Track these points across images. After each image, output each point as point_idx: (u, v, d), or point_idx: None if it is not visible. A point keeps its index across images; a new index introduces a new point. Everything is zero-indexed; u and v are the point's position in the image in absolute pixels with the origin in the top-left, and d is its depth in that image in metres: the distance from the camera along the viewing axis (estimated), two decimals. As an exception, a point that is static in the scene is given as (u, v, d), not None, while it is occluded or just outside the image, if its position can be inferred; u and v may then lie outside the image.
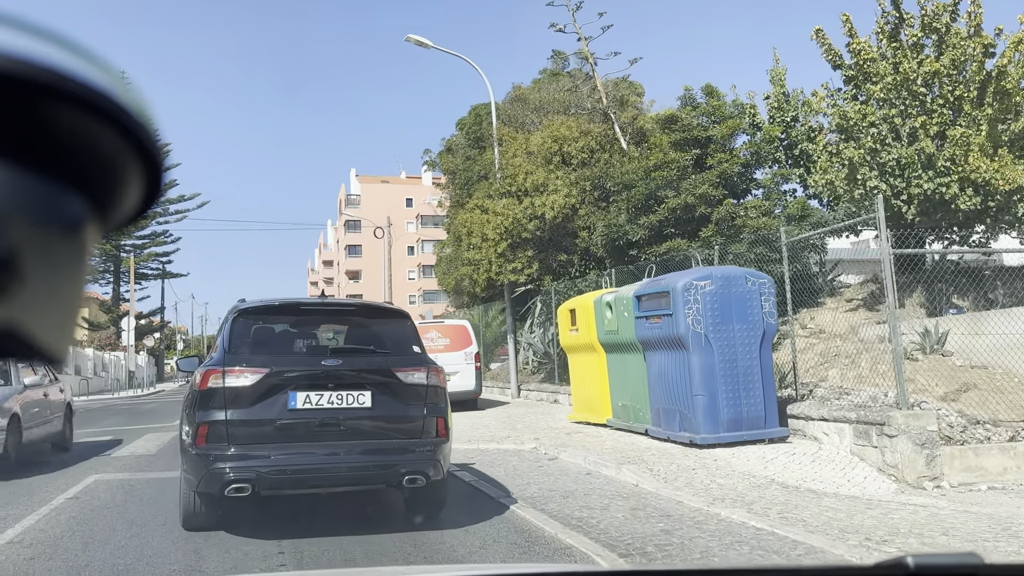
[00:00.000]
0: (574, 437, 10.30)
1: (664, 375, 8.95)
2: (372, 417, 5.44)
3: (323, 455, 5.31)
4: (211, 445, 5.18)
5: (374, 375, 5.50)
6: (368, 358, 5.65)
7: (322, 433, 5.31)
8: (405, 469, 5.39)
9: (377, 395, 5.44)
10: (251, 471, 5.13)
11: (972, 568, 1.11)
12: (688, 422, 8.56)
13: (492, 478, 7.87)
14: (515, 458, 9.23)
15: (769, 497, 6.52)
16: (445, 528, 5.82)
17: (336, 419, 5.33)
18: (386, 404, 5.47)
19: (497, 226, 17.11)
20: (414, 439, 5.52)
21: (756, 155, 15.17)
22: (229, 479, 5.11)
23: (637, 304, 9.42)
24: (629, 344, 9.84)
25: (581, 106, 18.86)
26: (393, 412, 5.50)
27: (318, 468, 5.29)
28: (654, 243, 14.86)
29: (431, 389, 5.61)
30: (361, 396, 5.40)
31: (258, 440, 5.21)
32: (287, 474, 5.25)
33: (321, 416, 5.31)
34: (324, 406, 5.31)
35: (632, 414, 9.94)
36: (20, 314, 0.41)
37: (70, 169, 0.43)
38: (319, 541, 5.37)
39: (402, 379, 5.53)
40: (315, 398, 5.30)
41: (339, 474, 5.39)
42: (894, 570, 1.11)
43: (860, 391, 9.57)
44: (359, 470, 5.42)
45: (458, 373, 15.66)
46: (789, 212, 14.46)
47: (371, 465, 5.43)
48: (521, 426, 12.19)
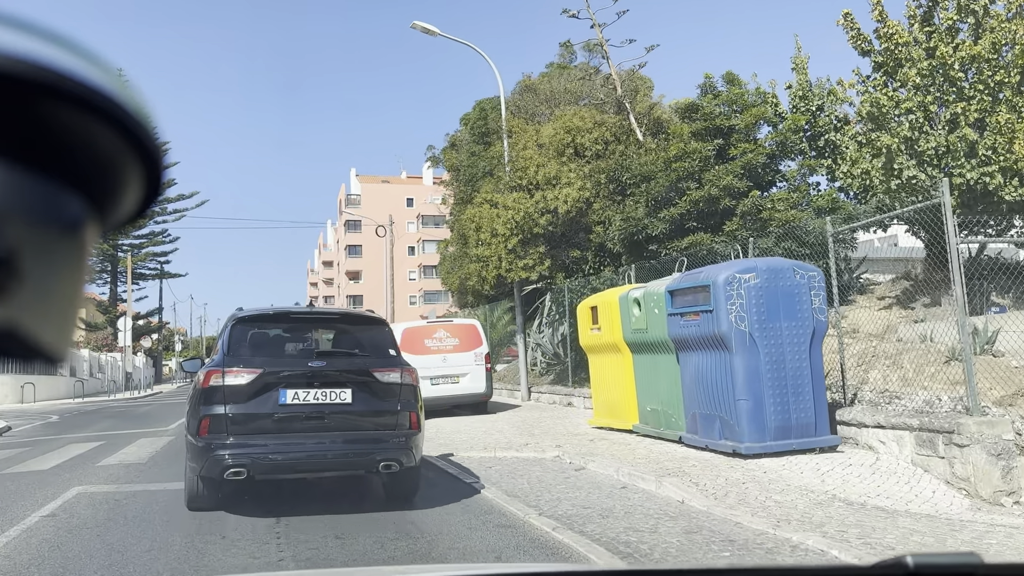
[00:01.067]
0: (599, 444, 9.52)
1: (701, 377, 8.17)
2: (352, 411, 6.17)
3: (309, 444, 6.03)
4: (212, 435, 5.89)
5: (354, 375, 6.25)
6: (349, 360, 6.43)
7: (308, 425, 6.06)
8: (381, 457, 6.11)
9: (357, 392, 6.19)
10: (247, 457, 5.87)
11: (971, 567, 1.10)
12: (730, 429, 7.78)
13: (516, 492, 7.08)
14: (537, 468, 8.44)
15: (838, 517, 5.73)
16: (475, 552, 5.05)
17: (321, 413, 6.08)
18: (365, 400, 6.21)
19: (507, 221, 16.31)
20: (389, 431, 6.25)
21: (782, 145, 14.38)
22: (227, 464, 5.84)
23: (670, 300, 8.64)
24: (660, 344, 9.06)
25: (594, 96, 18.07)
26: (371, 407, 6.23)
27: (305, 456, 6.02)
28: (675, 237, 14.08)
29: (405, 387, 6.35)
30: (343, 393, 6.14)
31: (253, 431, 5.96)
32: (278, 461, 5.99)
33: (308, 410, 6.05)
34: (310, 402, 6.07)
35: (663, 420, 9.15)
36: (20, 314, 0.41)
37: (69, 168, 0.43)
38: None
39: (379, 378, 6.29)
40: (302, 395, 6.05)
41: (323, 461, 6.12)
42: (893, 569, 1.10)
43: (912, 395, 8.79)
44: (340, 457, 6.14)
45: (467, 375, 14.88)
46: (818, 205, 13.68)
47: (351, 453, 6.14)
48: (538, 432, 11.40)
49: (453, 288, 26.01)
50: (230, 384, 5.94)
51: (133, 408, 24.93)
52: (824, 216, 13.63)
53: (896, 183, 12.41)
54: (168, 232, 54.49)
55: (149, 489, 7.89)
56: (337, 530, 5.72)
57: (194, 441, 6.01)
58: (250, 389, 5.95)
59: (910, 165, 12.40)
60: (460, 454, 9.71)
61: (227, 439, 5.88)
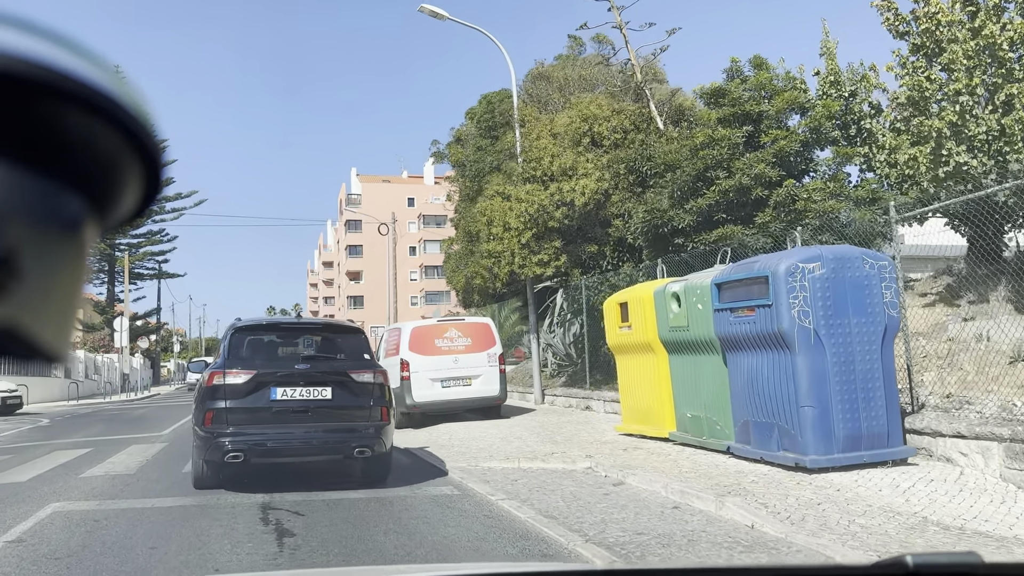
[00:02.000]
0: (634, 455, 8.62)
1: (755, 381, 7.27)
2: (332, 406, 7.19)
3: (297, 433, 7.06)
4: (215, 426, 6.94)
5: (334, 375, 7.28)
6: (329, 363, 7.52)
7: (296, 417, 7.07)
8: (355, 444, 7.15)
9: (336, 390, 7.21)
10: (243, 444, 6.90)
11: (971, 567, 1.06)
12: (791, 439, 6.88)
13: (552, 512, 6.18)
14: (569, 481, 7.55)
15: (939, 546, 4.84)
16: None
17: (306, 407, 7.10)
18: (342, 396, 7.23)
19: (521, 214, 15.40)
20: (363, 423, 7.27)
21: (816, 132, 13.49)
22: (227, 449, 6.86)
23: (717, 294, 7.75)
24: (703, 343, 8.17)
25: (611, 83, 17.15)
26: (347, 403, 7.26)
27: (292, 443, 7.06)
28: (702, 230, 13.17)
29: (376, 386, 7.40)
30: (324, 391, 7.15)
31: (248, 422, 6.97)
32: (270, 447, 7.00)
33: (295, 405, 7.08)
34: (296, 398, 7.08)
35: (706, 427, 8.26)
36: (19, 313, 0.41)
37: (69, 168, 0.43)
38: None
39: (355, 378, 7.31)
40: (290, 392, 7.07)
41: (307, 447, 7.14)
42: (893, 569, 1.06)
43: (982, 400, 7.91)
44: (322, 444, 7.17)
45: (480, 376, 13.96)
46: (858, 195, 12.78)
47: (331, 441, 7.17)
48: (561, 439, 10.50)
49: (459, 287, 25.19)
50: (230, 383, 7.00)
51: (128, 411, 24.02)
52: (864, 207, 12.73)
53: (944, 170, 11.52)
54: (166, 231, 53.62)
55: (135, 507, 6.99)
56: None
57: (200, 431, 7.09)
58: (246, 387, 7.03)
59: (960, 151, 11.51)
60: (480, 464, 8.83)
61: (227, 429, 6.94)
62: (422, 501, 7.06)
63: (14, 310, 0.41)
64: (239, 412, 6.97)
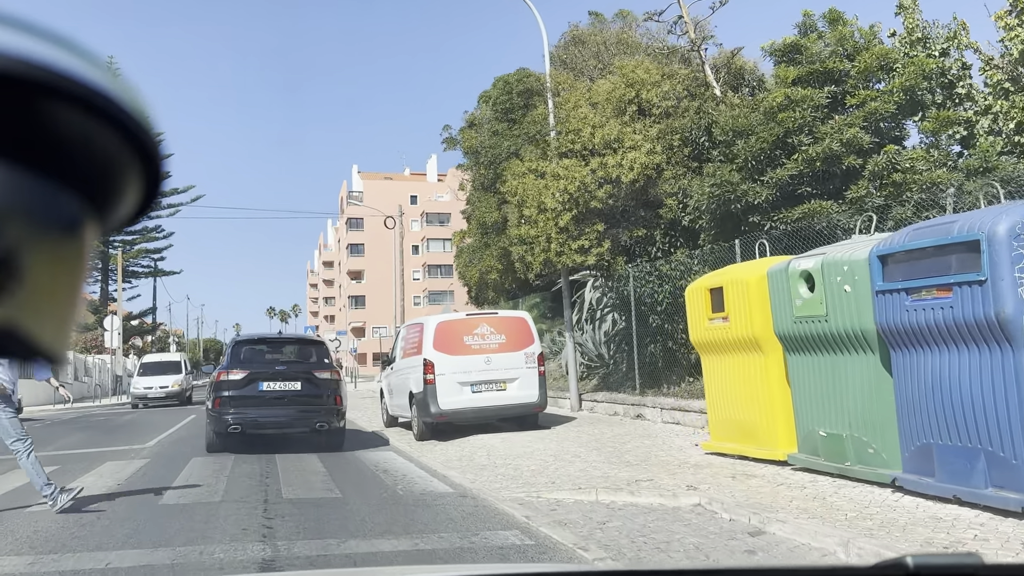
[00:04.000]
0: (750, 484, 6.57)
1: (945, 389, 5.24)
2: (301, 395, 10.50)
3: (276, 413, 10.40)
4: (221, 407, 10.27)
5: (302, 373, 10.66)
6: (300, 366, 10.99)
7: (276, 402, 10.41)
8: (316, 420, 10.45)
9: (304, 384, 10.54)
10: (241, 419, 10.20)
11: (971, 568, 1.05)
12: (1010, 472, 4.84)
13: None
14: (681, 527, 5.50)
15: None
16: None
17: (283, 396, 10.44)
18: (309, 388, 10.54)
19: (558, 192, 13.36)
20: (322, 405, 10.56)
21: (910, 93, 11.47)
22: (229, 422, 10.18)
23: (880, 270, 5.70)
24: (850, 337, 6.13)
25: (656, 46, 15.10)
26: (312, 392, 10.56)
27: (274, 419, 10.41)
28: (782, 207, 11.13)
29: (332, 381, 10.77)
30: (295, 384, 10.50)
31: (244, 405, 10.28)
32: (259, 421, 10.32)
33: (275, 394, 10.42)
34: (276, 389, 10.44)
35: (852, 451, 6.22)
36: (19, 314, 0.41)
37: (68, 168, 0.42)
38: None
39: (317, 376, 10.67)
40: (272, 385, 10.43)
41: (284, 422, 10.47)
42: (893, 570, 1.05)
43: None
44: (294, 420, 10.48)
45: (517, 380, 11.87)
46: (968, 165, 10.75)
47: (301, 418, 10.46)
48: (634, 459, 8.45)
49: (472, 283, 23.25)
50: (231, 379, 10.35)
51: (115, 417, 21.95)
52: (976, 177, 10.70)
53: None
54: (162, 228, 51.62)
55: (83, 568, 4.94)
56: None
57: (211, 411, 10.44)
58: (242, 382, 10.32)
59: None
60: (544, 495, 6.79)
61: (229, 409, 10.20)
62: (484, 559, 5.04)
63: (14, 310, 0.40)
64: (237, 398, 10.28)
